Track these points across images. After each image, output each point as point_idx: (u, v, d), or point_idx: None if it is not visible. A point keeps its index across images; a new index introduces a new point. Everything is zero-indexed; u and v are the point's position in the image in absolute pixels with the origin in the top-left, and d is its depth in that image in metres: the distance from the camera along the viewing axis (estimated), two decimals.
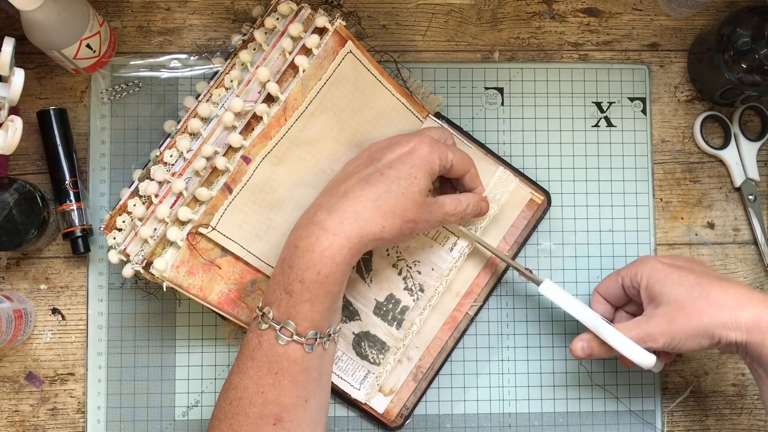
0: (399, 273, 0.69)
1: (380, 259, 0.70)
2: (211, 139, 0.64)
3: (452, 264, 0.69)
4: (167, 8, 0.73)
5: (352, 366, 0.69)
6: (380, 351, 0.69)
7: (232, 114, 0.63)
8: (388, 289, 0.69)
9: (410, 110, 0.69)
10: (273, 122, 0.63)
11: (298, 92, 0.64)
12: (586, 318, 0.64)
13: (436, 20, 0.74)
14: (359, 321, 0.69)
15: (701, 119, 0.73)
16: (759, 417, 0.73)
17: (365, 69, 0.66)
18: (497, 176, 0.70)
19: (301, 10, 0.65)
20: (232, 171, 0.63)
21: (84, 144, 0.71)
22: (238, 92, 0.65)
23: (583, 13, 0.75)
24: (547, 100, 0.74)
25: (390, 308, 0.69)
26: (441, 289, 0.69)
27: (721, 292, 0.60)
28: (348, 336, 0.69)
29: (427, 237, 0.69)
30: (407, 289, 0.69)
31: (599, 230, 0.74)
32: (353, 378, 0.69)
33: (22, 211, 0.65)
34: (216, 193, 0.63)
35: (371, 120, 0.68)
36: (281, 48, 0.64)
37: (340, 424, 0.71)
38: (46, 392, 0.70)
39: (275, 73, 0.64)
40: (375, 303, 0.69)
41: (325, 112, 0.65)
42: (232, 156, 0.63)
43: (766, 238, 0.74)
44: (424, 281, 0.69)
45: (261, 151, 0.63)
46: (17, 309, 0.67)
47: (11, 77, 0.63)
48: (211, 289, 0.65)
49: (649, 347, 0.61)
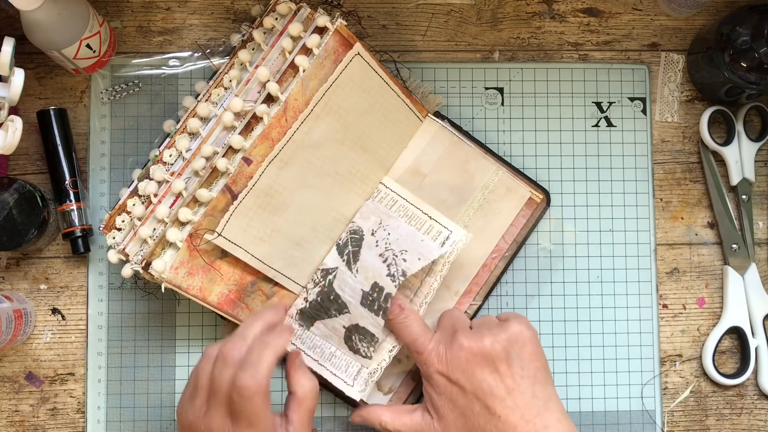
0: (384, 261, 0.68)
1: (368, 249, 0.69)
2: (210, 138, 0.64)
3: (444, 258, 0.68)
4: (167, 8, 0.73)
5: (345, 362, 0.69)
6: (370, 343, 0.68)
7: (231, 114, 0.63)
8: (373, 277, 0.68)
9: (412, 110, 0.70)
10: (273, 123, 0.63)
11: (298, 92, 0.63)
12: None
13: (436, 20, 0.74)
14: (348, 314, 0.68)
15: (708, 114, 0.73)
16: (759, 417, 0.73)
17: (372, 71, 0.66)
18: (495, 175, 0.70)
19: (300, 9, 0.65)
20: (233, 172, 0.63)
21: (84, 144, 0.71)
22: (237, 92, 0.65)
23: (583, 13, 0.75)
24: (547, 100, 0.74)
25: (375, 297, 0.68)
26: (436, 285, 0.68)
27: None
28: (339, 330, 0.69)
29: (419, 230, 0.69)
30: (389, 275, 0.68)
31: (599, 230, 0.74)
32: (347, 374, 0.68)
33: (22, 211, 0.65)
34: (216, 195, 0.62)
35: (376, 122, 0.68)
36: (281, 47, 0.64)
37: (341, 424, 0.71)
38: (46, 392, 0.70)
39: (275, 72, 0.64)
40: (362, 293, 0.68)
41: (330, 114, 0.65)
42: (233, 157, 0.63)
43: (753, 239, 0.74)
44: (408, 267, 0.67)
45: (262, 152, 0.63)
46: (17, 309, 0.67)
47: (11, 77, 0.63)
48: (210, 290, 0.65)
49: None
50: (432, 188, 0.71)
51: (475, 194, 0.71)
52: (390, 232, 0.69)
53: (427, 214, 0.69)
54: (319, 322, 0.69)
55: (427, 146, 0.71)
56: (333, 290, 0.69)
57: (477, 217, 0.70)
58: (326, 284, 0.69)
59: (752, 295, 0.73)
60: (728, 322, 0.73)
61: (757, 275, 0.74)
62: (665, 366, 0.73)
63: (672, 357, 0.73)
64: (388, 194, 0.70)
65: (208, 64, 0.72)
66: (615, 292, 0.73)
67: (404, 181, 0.71)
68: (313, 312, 0.69)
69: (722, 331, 0.73)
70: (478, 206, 0.71)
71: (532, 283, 0.73)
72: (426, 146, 0.71)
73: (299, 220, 0.67)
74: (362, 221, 0.69)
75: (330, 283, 0.69)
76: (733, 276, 0.73)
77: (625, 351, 0.73)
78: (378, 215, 0.69)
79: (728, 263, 0.74)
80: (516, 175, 0.71)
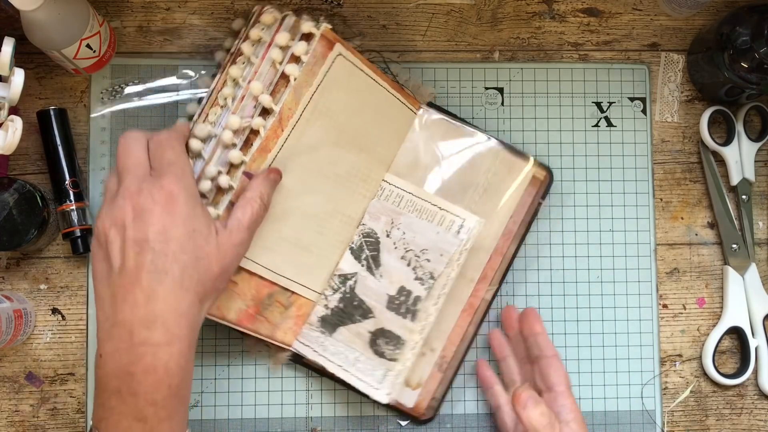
0: (408, 264, 0.69)
1: (387, 253, 0.69)
2: (213, 159, 0.64)
3: (461, 247, 0.69)
4: (167, 8, 0.73)
5: (370, 366, 0.69)
6: (396, 346, 0.68)
7: (230, 132, 0.63)
8: (399, 281, 0.69)
9: (404, 104, 0.69)
10: (270, 134, 0.63)
11: (291, 101, 0.63)
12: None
13: (436, 20, 0.74)
14: (373, 318, 0.69)
15: (709, 113, 0.73)
16: (759, 417, 0.73)
17: (358, 69, 0.66)
18: (496, 158, 0.70)
19: (286, 17, 0.64)
20: (236, 188, 0.62)
21: (84, 144, 0.71)
22: (234, 109, 0.64)
23: (583, 13, 0.75)
24: (547, 100, 0.74)
25: (402, 300, 0.69)
26: (453, 275, 0.69)
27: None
28: (364, 335, 0.69)
29: (432, 223, 0.69)
30: (418, 278, 0.69)
31: (599, 230, 0.74)
32: (372, 378, 0.68)
33: (22, 211, 0.65)
34: (222, 212, 0.62)
35: (370, 120, 0.68)
36: (271, 59, 0.64)
37: (342, 424, 0.71)
38: (46, 392, 0.70)
39: (268, 85, 0.63)
40: (387, 298, 0.69)
41: (320, 118, 0.65)
42: (234, 174, 0.63)
43: (753, 239, 0.74)
44: (434, 268, 0.69)
45: (261, 165, 0.63)
46: (17, 309, 0.67)
47: (11, 77, 0.63)
48: (228, 307, 0.65)
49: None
50: (435, 178, 0.71)
51: (479, 179, 0.71)
52: (405, 231, 0.69)
53: (437, 205, 0.70)
54: (342, 328, 0.69)
55: (424, 137, 0.71)
56: (356, 296, 0.69)
57: (483, 202, 0.70)
58: (347, 290, 0.69)
59: (752, 295, 0.73)
60: (728, 322, 0.73)
61: (757, 275, 0.74)
62: (665, 366, 0.73)
63: (672, 357, 0.73)
64: (393, 191, 0.70)
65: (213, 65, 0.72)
66: (615, 292, 0.73)
67: (406, 175, 0.71)
68: (335, 319, 0.69)
69: (722, 331, 0.73)
70: (483, 191, 0.71)
71: (532, 284, 0.73)
72: (423, 138, 0.71)
73: (304, 226, 0.67)
74: (373, 222, 0.70)
75: (351, 288, 0.69)
76: (733, 276, 0.73)
77: (625, 351, 0.73)
78: (388, 214, 0.70)
79: (728, 263, 0.74)
80: (517, 154, 0.71)
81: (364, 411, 0.71)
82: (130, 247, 0.54)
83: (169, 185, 0.55)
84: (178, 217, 0.55)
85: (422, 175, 0.71)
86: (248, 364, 0.71)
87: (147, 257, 0.54)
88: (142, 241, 0.54)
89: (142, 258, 0.54)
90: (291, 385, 0.71)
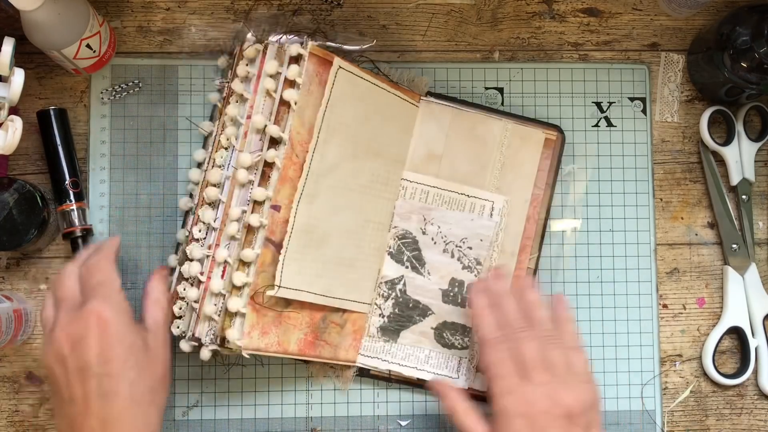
0: (452, 256, 0.70)
1: (428, 250, 0.71)
2: (233, 201, 0.64)
3: (497, 228, 0.70)
4: (167, 8, 0.73)
5: (443, 359, 0.70)
6: (463, 334, 0.70)
7: (244, 170, 0.63)
8: (448, 274, 0.71)
9: (404, 99, 0.70)
10: (286, 162, 0.63)
11: (298, 125, 0.63)
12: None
13: (436, 20, 0.74)
14: (433, 315, 0.70)
15: (709, 113, 0.73)
16: (759, 417, 0.73)
17: (357, 77, 0.66)
18: (505, 130, 0.71)
19: (268, 47, 0.64)
20: (267, 224, 0.62)
21: (84, 144, 0.71)
22: (240, 147, 0.64)
23: (583, 13, 0.75)
24: (547, 100, 0.74)
25: (457, 291, 0.70)
26: (496, 255, 0.70)
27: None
28: (428, 333, 0.70)
29: (464, 212, 0.70)
30: (465, 267, 0.70)
31: (599, 230, 0.74)
32: (448, 369, 0.70)
33: (22, 211, 0.65)
34: (260, 250, 0.62)
35: (378, 124, 0.68)
36: (265, 89, 0.64)
37: (342, 424, 0.71)
38: (46, 392, 0.70)
39: (269, 115, 0.63)
40: (441, 292, 0.70)
41: (335, 135, 0.65)
42: (260, 209, 0.63)
43: (753, 239, 0.74)
44: (478, 254, 0.70)
45: (286, 194, 0.63)
46: (17, 309, 0.67)
47: (11, 77, 0.63)
48: (288, 340, 0.65)
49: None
50: (452, 165, 0.71)
51: (494, 155, 0.71)
52: (439, 225, 0.70)
53: (464, 193, 0.71)
54: (405, 332, 0.70)
55: (431, 128, 0.71)
56: (409, 297, 0.70)
57: (504, 176, 0.71)
58: (398, 294, 0.70)
59: (752, 295, 0.73)
60: (728, 322, 0.73)
61: (757, 275, 0.74)
62: (665, 366, 0.73)
63: (672, 357, 0.73)
64: (417, 187, 0.71)
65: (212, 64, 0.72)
66: (615, 292, 0.73)
67: (423, 168, 0.71)
68: (395, 325, 0.70)
69: (722, 331, 0.73)
70: (501, 166, 0.71)
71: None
72: (430, 128, 0.71)
73: (343, 244, 0.67)
74: (404, 223, 0.70)
75: (402, 292, 0.70)
76: (733, 276, 0.73)
77: (625, 351, 0.73)
78: (418, 212, 0.71)
79: (728, 263, 0.74)
80: (524, 122, 0.72)
81: (364, 411, 0.71)
82: (74, 376, 0.56)
83: (98, 307, 0.57)
84: (113, 336, 0.57)
85: (438, 164, 0.71)
86: (248, 364, 0.71)
87: (92, 383, 0.56)
88: (84, 369, 0.56)
89: (87, 385, 0.56)
90: (291, 385, 0.71)
